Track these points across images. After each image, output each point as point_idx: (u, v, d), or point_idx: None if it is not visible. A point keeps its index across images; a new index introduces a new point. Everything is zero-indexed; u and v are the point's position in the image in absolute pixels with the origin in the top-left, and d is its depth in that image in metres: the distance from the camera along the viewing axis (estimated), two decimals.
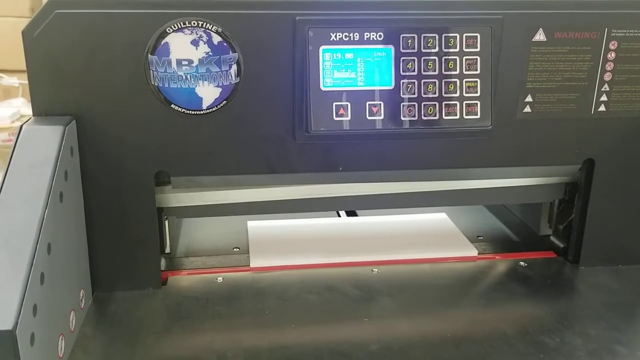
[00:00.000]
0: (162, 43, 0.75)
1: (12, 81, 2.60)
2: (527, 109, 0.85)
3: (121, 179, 0.80)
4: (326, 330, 0.78)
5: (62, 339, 0.69)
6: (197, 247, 1.01)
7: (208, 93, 0.78)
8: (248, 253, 0.96)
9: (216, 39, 0.76)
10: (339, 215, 1.16)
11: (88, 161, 0.79)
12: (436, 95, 0.81)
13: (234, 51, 0.77)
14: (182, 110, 0.78)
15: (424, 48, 0.80)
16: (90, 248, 0.82)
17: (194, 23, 0.75)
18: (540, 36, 0.82)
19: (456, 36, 0.80)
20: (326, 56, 0.78)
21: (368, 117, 0.80)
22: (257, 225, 1.07)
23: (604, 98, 0.86)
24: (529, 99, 0.84)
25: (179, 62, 0.76)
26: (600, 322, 0.79)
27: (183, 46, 0.76)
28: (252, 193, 0.89)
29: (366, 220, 1.11)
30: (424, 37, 0.79)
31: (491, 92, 0.82)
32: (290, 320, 0.79)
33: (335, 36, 0.78)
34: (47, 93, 0.76)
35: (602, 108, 0.86)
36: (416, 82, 0.80)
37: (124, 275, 0.84)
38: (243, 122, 0.80)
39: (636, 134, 0.88)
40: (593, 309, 0.83)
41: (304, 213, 1.04)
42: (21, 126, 0.73)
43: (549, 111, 0.85)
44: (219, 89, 0.78)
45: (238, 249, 0.99)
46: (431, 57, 0.80)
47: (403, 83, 0.80)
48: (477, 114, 0.82)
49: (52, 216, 0.66)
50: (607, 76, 0.85)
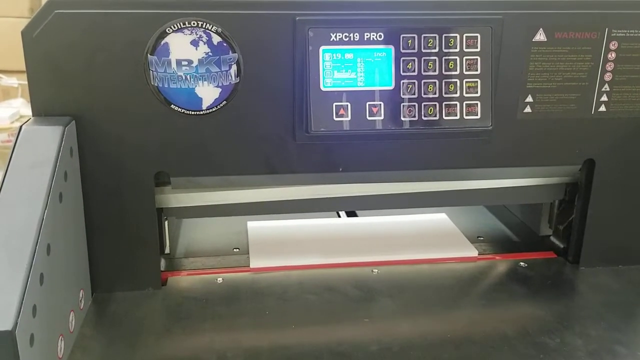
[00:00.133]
0: (162, 43, 0.75)
1: (12, 82, 2.60)
2: (528, 109, 0.85)
3: (121, 180, 0.80)
4: (326, 330, 0.78)
5: (62, 340, 0.68)
6: (197, 248, 1.01)
7: (208, 93, 0.78)
8: (248, 253, 0.96)
9: (216, 39, 0.76)
10: (339, 215, 1.16)
11: (88, 161, 0.79)
12: (436, 95, 0.81)
13: (234, 51, 0.77)
14: (182, 110, 0.78)
15: (424, 48, 0.80)
16: (89, 248, 0.81)
17: (194, 23, 0.75)
18: (540, 36, 0.82)
19: (456, 36, 0.80)
20: (326, 56, 0.78)
21: (368, 118, 0.80)
22: (257, 225, 1.06)
23: (604, 98, 0.86)
24: (529, 99, 0.84)
25: (179, 63, 0.76)
26: (600, 323, 0.79)
27: (183, 46, 0.76)
28: (252, 193, 0.89)
29: (366, 220, 1.11)
30: (424, 37, 0.79)
31: (491, 93, 0.82)
32: (290, 320, 0.79)
33: (335, 36, 0.78)
34: (47, 93, 0.76)
35: (603, 108, 0.86)
36: (416, 83, 0.80)
37: (124, 275, 0.84)
38: (243, 123, 0.80)
39: (636, 134, 0.88)
40: (593, 310, 0.82)
41: (304, 213, 1.04)
42: (21, 127, 0.73)
43: (550, 111, 0.85)
44: (219, 89, 0.78)
45: (238, 250, 0.99)
46: (431, 58, 0.80)
47: (403, 83, 0.80)
48: (478, 114, 0.82)
49: (52, 217, 0.66)
50: (608, 76, 0.85)
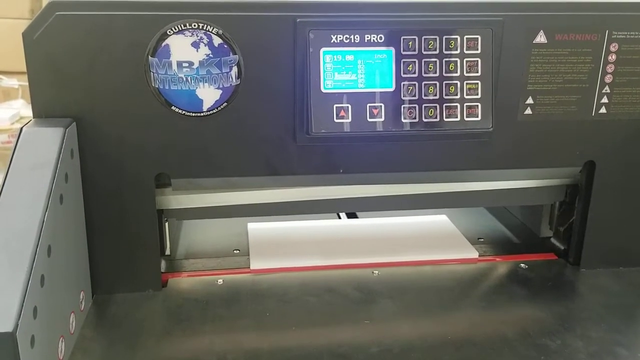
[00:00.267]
0: (163, 45, 0.75)
1: (12, 83, 2.61)
2: (528, 111, 0.85)
3: (121, 181, 0.80)
4: (326, 332, 0.78)
5: (62, 341, 0.68)
6: (197, 249, 1.01)
7: (208, 95, 0.78)
8: (248, 255, 0.96)
9: (217, 41, 0.76)
10: (340, 217, 1.16)
11: (88, 163, 0.79)
12: (437, 97, 0.81)
13: (235, 53, 0.77)
14: (183, 112, 0.78)
15: (425, 50, 0.80)
16: (90, 250, 0.81)
17: (195, 25, 0.75)
18: (541, 38, 0.82)
19: (457, 38, 0.80)
20: (327, 58, 0.78)
21: (369, 119, 0.80)
22: (258, 227, 1.06)
23: (605, 100, 0.86)
24: (530, 101, 0.84)
25: (180, 64, 0.76)
26: (601, 324, 0.79)
27: (184, 48, 0.76)
28: (253, 195, 0.89)
29: (367, 222, 1.11)
30: (425, 39, 0.79)
31: (492, 94, 0.82)
32: (290, 322, 0.79)
33: (335, 38, 0.78)
34: (48, 95, 0.76)
35: (603, 110, 0.86)
36: (417, 84, 0.80)
37: (124, 277, 0.84)
38: (243, 124, 0.80)
39: (637, 136, 0.88)
40: (594, 311, 0.82)
41: (305, 215, 1.05)
42: (21, 128, 0.73)
43: (550, 113, 0.85)
44: (220, 91, 0.78)
45: (238, 251, 0.99)
46: (432, 59, 0.80)
47: (404, 85, 0.80)
48: (478, 116, 0.82)
49: (53, 218, 0.66)
50: (608, 78, 0.85)
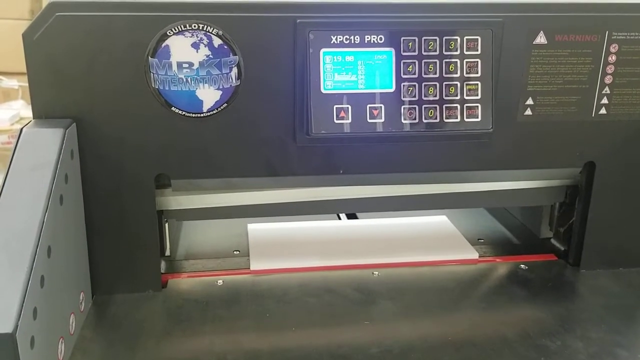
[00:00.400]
0: (163, 46, 0.75)
1: (12, 83, 2.61)
2: (528, 112, 0.85)
3: (121, 182, 0.80)
4: (326, 333, 0.78)
5: (62, 342, 0.68)
6: (197, 250, 1.01)
7: (208, 96, 0.78)
8: (248, 256, 0.96)
9: (217, 42, 0.76)
10: (340, 218, 1.16)
11: (88, 164, 0.78)
12: (437, 98, 0.81)
13: (235, 54, 0.77)
14: (183, 113, 0.78)
15: (425, 51, 0.80)
16: (90, 251, 0.81)
17: (195, 26, 0.75)
18: (541, 39, 0.82)
19: (457, 39, 0.80)
20: (327, 59, 0.78)
21: (369, 120, 0.80)
22: (258, 227, 1.06)
23: (605, 101, 0.86)
24: (530, 102, 0.84)
25: (180, 65, 0.76)
26: (601, 325, 0.79)
27: (184, 49, 0.76)
28: (253, 196, 0.89)
29: (367, 222, 1.11)
30: (425, 40, 0.79)
31: (492, 95, 0.82)
32: (290, 323, 0.79)
33: (335, 39, 0.78)
34: (48, 95, 0.76)
35: (603, 111, 0.86)
36: (417, 85, 0.80)
37: (124, 278, 0.84)
38: (243, 125, 0.80)
39: (637, 137, 0.88)
40: (594, 312, 0.82)
41: (305, 216, 1.04)
42: (21, 129, 0.73)
43: (550, 114, 0.85)
44: (220, 92, 0.78)
45: (238, 252, 0.99)
46: (432, 60, 0.80)
47: (404, 86, 0.80)
48: (478, 117, 0.82)
49: (52, 219, 0.66)
50: (608, 79, 0.85)
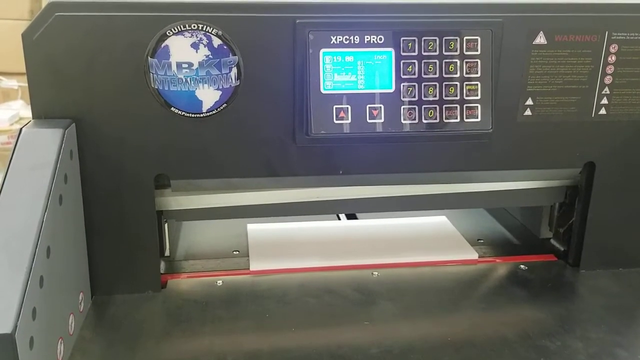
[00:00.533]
0: (162, 46, 0.75)
1: (12, 83, 2.61)
2: (528, 112, 0.85)
3: (121, 182, 0.80)
4: (326, 333, 0.78)
5: (61, 343, 0.68)
6: (197, 250, 1.01)
7: (208, 96, 0.78)
8: (248, 256, 0.96)
9: (216, 42, 0.76)
10: (339, 218, 1.15)
11: (88, 164, 0.78)
12: (437, 98, 0.81)
13: (234, 54, 0.77)
14: (182, 113, 0.78)
15: (425, 51, 0.80)
16: (89, 251, 0.81)
17: (194, 26, 0.75)
18: (540, 39, 0.82)
19: (457, 39, 0.80)
20: (326, 59, 0.78)
21: (368, 120, 0.80)
22: (257, 228, 1.06)
23: (605, 101, 0.86)
24: (530, 102, 0.84)
25: (179, 65, 0.76)
26: (601, 326, 0.79)
27: (183, 49, 0.75)
28: (252, 196, 0.89)
29: (366, 223, 1.11)
30: (425, 40, 0.79)
31: (492, 95, 0.82)
32: (290, 323, 0.79)
33: (335, 39, 0.78)
34: (47, 96, 0.76)
35: (603, 111, 0.86)
36: (416, 85, 0.80)
37: (124, 278, 0.84)
38: (243, 125, 0.80)
39: (637, 137, 0.88)
40: (594, 313, 0.82)
41: (304, 216, 1.04)
42: (21, 129, 0.73)
43: (550, 114, 0.85)
44: (219, 92, 0.78)
45: (238, 252, 0.99)
46: (431, 60, 0.80)
47: (403, 86, 0.80)
48: (478, 117, 0.82)
49: (52, 219, 0.66)
50: (608, 79, 0.85)
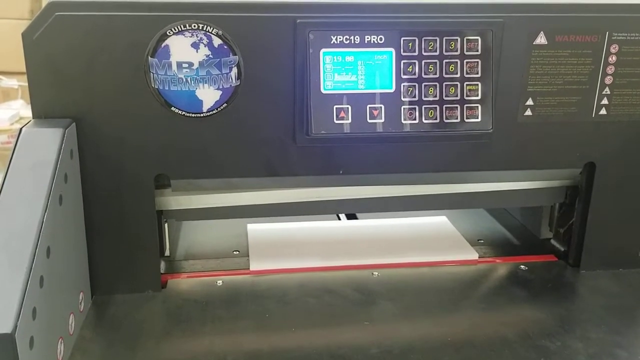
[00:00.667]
0: (163, 46, 0.75)
1: (12, 83, 2.61)
2: (528, 112, 0.85)
3: (121, 182, 0.80)
4: (326, 333, 0.78)
5: (62, 342, 0.68)
6: (197, 250, 1.01)
7: (208, 96, 0.78)
8: (248, 256, 0.96)
9: (217, 42, 0.76)
10: (339, 218, 1.15)
11: (88, 164, 0.78)
12: (437, 98, 0.81)
13: (235, 54, 0.77)
14: (183, 113, 0.78)
15: (425, 51, 0.79)
16: (89, 251, 0.81)
17: (195, 26, 0.75)
18: (541, 39, 0.82)
19: (457, 39, 0.80)
20: (327, 59, 0.78)
21: (369, 120, 0.80)
22: (257, 228, 1.06)
23: (605, 101, 0.86)
24: (530, 102, 0.84)
25: (180, 65, 0.76)
26: (601, 326, 0.79)
27: (183, 49, 0.75)
28: (252, 196, 0.89)
29: (366, 223, 1.11)
30: (425, 40, 0.79)
31: (492, 96, 0.81)
32: (290, 323, 0.79)
33: (335, 39, 0.78)
34: (47, 95, 0.76)
35: (603, 111, 0.86)
36: (417, 85, 0.80)
37: (124, 278, 0.84)
38: (243, 125, 0.80)
39: (637, 138, 0.88)
40: (594, 313, 0.82)
41: (304, 216, 1.04)
42: (21, 129, 0.73)
43: (550, 114, 0.85)
44: (220, 92, 0.78)
45: (238, 252, 0.99)
46: (432, 60, 0.80)
47: (404, 86, 0.80)
48: (478, 117, 0.82)
49: (52, 219, 0.66)
50: (608, 79, 0.85)
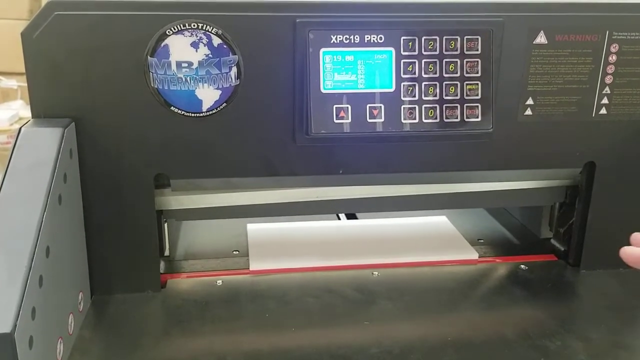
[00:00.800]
0: (162, 45, 0.75)
1: (11, 83, 2.61)
2: (528, 112, 0.85)
3: (120, 181, 0.80)
4: (326, 333, 0.78)
5: (61, 342, 0.68)
6: (197, 250, 1.00)
7: (208, 95, 0.78)
8: (247, 256, 0.96)
9: (216, 41, 0.76)
10: (339, 218, 1.15)
11: (87, 163, 0.78)
12: (437, 98, 0.80)
13: (234, 53, 0.77)
14: (182, 112, 0.78)
15: (425, 51, 0.79)
16: (89, 250, 0.81)
17: (194, 25, 0.75)
18: (541, 39, 0.82)
19: (457, 39, 0.79)
20: (326, 58, 0.78)
21: (368, 120, 0.80)
22: (257, 228, 1.06)
23: (605, 101, 0.86)
24: (530, 102, 0.84)
25: (179, 64, 0.76)
26: (601, 326, 0.79)
27: (183, 48, 0.75)
28: (252, 196, 0.89)
29: (366, 223, 1.11)
30: (425, 40, 0.79)
31: (492, 95, 0.81)
32: (290, 323, 0.79)
33: (335, 38, 0.78)
34: (46, 95, 0.76)
35: (603, 111, 0.86)
36: (417, 85, 0.80)
37: (123, 278, 0.84)
38: (243, 125, 0.80)
39: (637, 137, 0.88)
40: (594, 313, 0.82)
41: (304, 216, 1.04)
42: (20, 128, 0.73)
43: (550, 114, 0.85)
44: (219, 92, 0.78)
45: (237, 252, 0.99)
46: (432, 60, 0.80)
47: (404, 86, 0.80)
48: (478, 117, 0.82)
49: (51, 219, 0.66)
50: (608, 79, 0.85)
